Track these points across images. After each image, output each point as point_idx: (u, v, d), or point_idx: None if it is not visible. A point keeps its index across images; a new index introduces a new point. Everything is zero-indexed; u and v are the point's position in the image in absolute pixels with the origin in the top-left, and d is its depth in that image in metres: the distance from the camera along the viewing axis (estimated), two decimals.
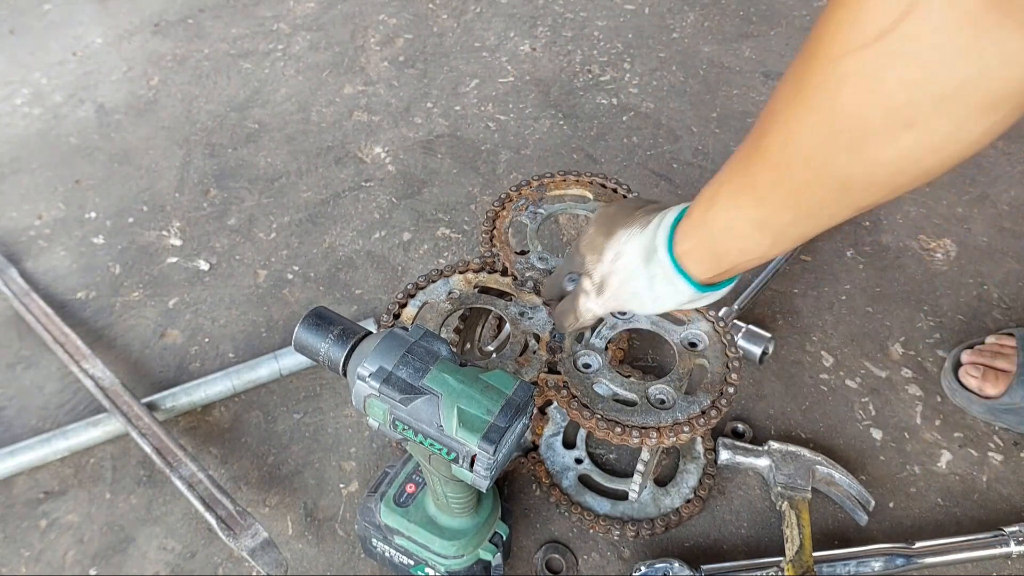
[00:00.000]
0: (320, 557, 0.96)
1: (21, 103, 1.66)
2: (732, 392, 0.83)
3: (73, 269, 1.32)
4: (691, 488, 1.00)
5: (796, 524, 0.94)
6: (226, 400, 1.12)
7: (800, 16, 1.85)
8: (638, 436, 0.79)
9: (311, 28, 1.86)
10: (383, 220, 1.40)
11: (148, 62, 1.77)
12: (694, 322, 0.90)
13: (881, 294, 1.26)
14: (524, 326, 0.89)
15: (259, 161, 1.52)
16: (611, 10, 1.89)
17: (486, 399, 0.66)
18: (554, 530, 0.98)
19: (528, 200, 1.03)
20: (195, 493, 0.94)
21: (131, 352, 1.19)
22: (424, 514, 0.83)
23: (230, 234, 1.38)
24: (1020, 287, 1.26)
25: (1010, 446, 1.07)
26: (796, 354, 1.17)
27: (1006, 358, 1.07)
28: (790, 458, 1.00)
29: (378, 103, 1.65)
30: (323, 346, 0.72)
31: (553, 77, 1.70)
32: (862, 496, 0.97)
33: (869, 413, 1.11)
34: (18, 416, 1.11)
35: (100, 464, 1.06)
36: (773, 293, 1.25)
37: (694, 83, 1.67)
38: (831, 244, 1.33)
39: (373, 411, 0.69)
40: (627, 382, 0.84)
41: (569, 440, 1.06)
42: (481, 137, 1.56)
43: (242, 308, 1.25)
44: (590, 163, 1.50)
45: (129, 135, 1.58)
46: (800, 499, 0.96)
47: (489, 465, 0.65)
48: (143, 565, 0.96)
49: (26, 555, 0.97)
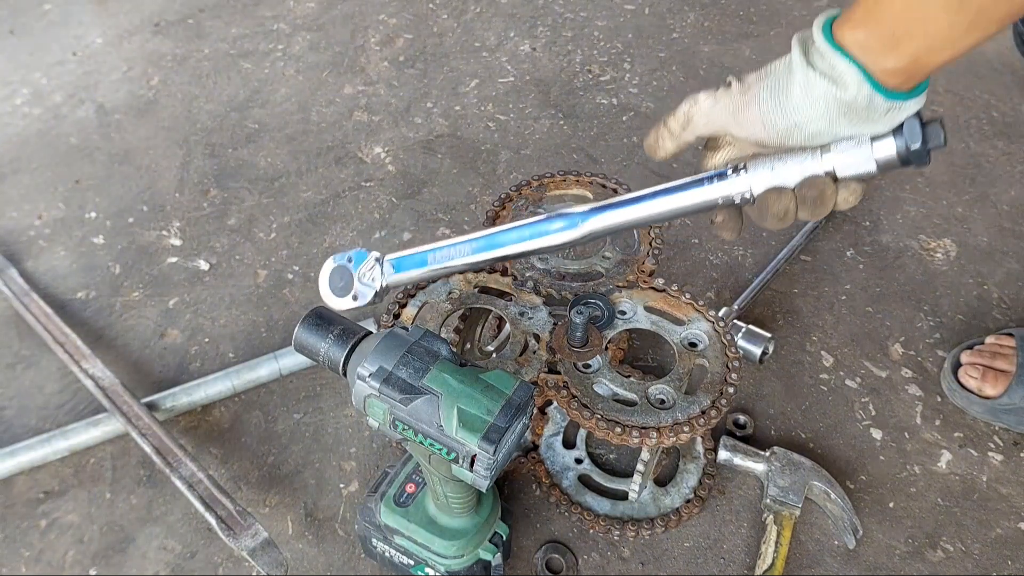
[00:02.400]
0: (320, 557, 0.96)
1: (21, 103, 1.66)
2: (732, 392, 0.83)
3: (73, 269, 1.32)
4: (691, 488, 1.00)
5: (774, 541, 0.93)
6: (226, 400, 1.12)
7: (800, 16, 1.85)
8: (638, 436, 0.79)
9: (311, 28, 1.86)
10: (383, 220, 1.40)
11: (148, 62, 1.77)
12: (694, 322, 0.90)
13: (881, 294, 1.26)
14: (524, 326, 0.89)
15: (259, 161, 1.52)
16: (611, 10, 1.88)
17: (486, 399, 0.66)
18: (554, 530, 0.98)
19: (528, 200, 1.03)
20: (195, 493, 0.94)
21: (131, 352, 1.19)
22: (424, 514, 0.83)
23: (230, 234, 1.38)
24: (1020, 287, 1.26)
25: (1010, 446, 1.07)
26: (796, 354, 1.17)
27: (1005, 358, 1.07)
28: (789, 468, 0.99)
29: (378, 103, 1.65)
30: (323, 346, 0.72)
31: (553, 77, 1.70)
32: (853, 522, 0.95)
33: (869, 413, 1.11)
34: (18, 416, 1.11)
35: (100, 464, 1.06)
36: (773, 293, 1.25)
37: (694, 83, 1.67)
38: (831, 244, 1.33)
39: (373, 411, 0.69)
40: (627, 382, 0.84)
41: (569, 440, 1.06)
42: (481, 137, 1.56)
43: (242, 308, 1.25)
44: (590, 163, 1.50)
45: (129, 135, 1.58)
46: (787, 515, 0.96)
47: (489, 465, 0.65)
48: (143, 565, 0.96)
49: (26, 555, 0.97)
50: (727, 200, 0.67)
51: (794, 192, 0.63)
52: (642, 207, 0.71)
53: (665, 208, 0.70)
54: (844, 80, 0.56)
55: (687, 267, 1.30)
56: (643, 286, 0.93)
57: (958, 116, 1.57)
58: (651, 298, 0.92)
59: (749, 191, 0.66)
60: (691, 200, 0.68)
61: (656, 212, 0.70)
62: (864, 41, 0.55)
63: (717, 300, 1.24)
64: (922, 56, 0.54)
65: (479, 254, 0.80)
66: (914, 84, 0.56)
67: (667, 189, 0.70)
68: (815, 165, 0.62)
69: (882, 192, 1.42)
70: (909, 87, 0.56)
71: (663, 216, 0.70)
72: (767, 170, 0.64)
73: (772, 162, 0.64)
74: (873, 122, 0.57)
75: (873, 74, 0.55)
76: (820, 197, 0.61)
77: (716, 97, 0.65)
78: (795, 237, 1.31)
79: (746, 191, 0.66)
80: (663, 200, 0.70)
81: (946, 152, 1.49)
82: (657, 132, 0.70)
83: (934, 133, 0.58)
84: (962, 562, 0.96)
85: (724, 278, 1.28)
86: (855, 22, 0.55)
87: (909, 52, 0.53)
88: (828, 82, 0.56)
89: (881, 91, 0.55)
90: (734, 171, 0.66)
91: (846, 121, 0.58)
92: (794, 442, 1.07)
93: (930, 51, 0.53)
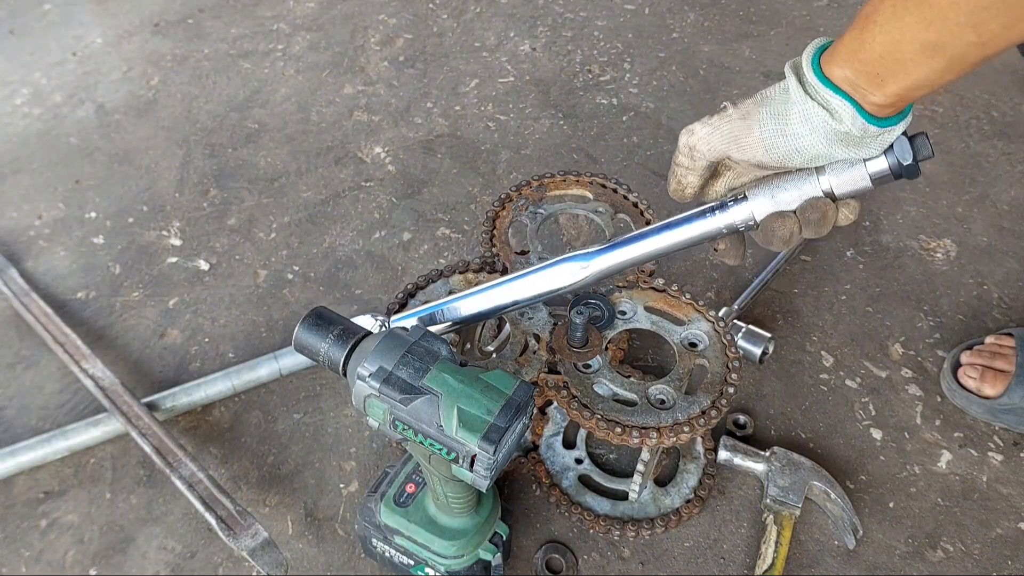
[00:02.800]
0: (320, 557, 0.96)
1: (21, 103, 1.66)
2: (732, 392, 0.83)
3: (73, 269, 1.32)
4: (691, 488, 1.00)
5: (774, 542, 0.93)
6: (226, 400, 1.12)
7: (800, 16, 1.85)
8: (638, 436, 0.79)
9: (311, 28, 1.86)
10: (383, 220, 1.40)
11: (148, 62, 1.77)
12: (694, 322, 0.90)
13: (881, 294, 1.26)
14: (524, 326, 0.89)
15: (259, 161, 1.52)
16: (611, 10, 1.88)
17: (486, 399, 0.66)
18: (554, 530, 0.98)
19: (528, 200, 1.03)
20: (195, 493, 0.94)
21: (131, 352, 1.19)
22: (424, 514, 0.83)
23: (230, 234, 1.38)
24: (1020, 287, 1.26)
25: (1010, 446, 1.07)
26: (796, 354, 1.17)
27: (1005, 358, 1.07)
28: (790, 468, 0.99)
29: (378, 103, 1.65)
30: (323, 346, 0.72)
31: (553, 77, 1.70)
32: (853, 522, 0.95)
33: (869, 413, 1.11)
34: (18, 416, 1.11)
35: (100, 464, 1.06)
36: (773, 293, 1.26)
37: (694, 83, 1.67)
38: (831, 244, 1.33)
39: (373, 411, 0.69)
40: (627, 382, 0.84)
41: (569, 440, 1.06)
42: (481, 137, 1.56)
43: (242, 308, 1.25)
44: (590, 163, 1.50)
45: (129, 135, 1.58)
46: (787, 515, 0.96)
47: (489, 465, 0.65)
48: (143, 565, 0.96)
49: (26, 555, 0.97)
50: (731, 228, 0.70)
51: (796, 214, 0.66)
52: (648, 243, 0.74)
53: (670, 242, 0.73)
54: (839, 113, 0.59)
55: (687, 267, 1.30)
56: (643, 286, 0.93)
57: (958, 116, 1.57)
58: (651, 298, 0.92)
59: (752, 218, 0.68)
60: (695, 232, 0.71)
61: (662, 247, 0.73)
62: (852, 79, 0.57)
63: (717, 300, 1.25)
64: (906, 93, 0.57)
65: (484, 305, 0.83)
66: (902, 108, 0.60)
67: (671, 223, 0.72)
68: (813, 188, 0.65)
69: (882, 192, 1.42)
70: (897, 112, 0.59)
71: (669, 250, 0.73)
72: (767, 198, 0.67)
73: (771, 189, 0.67)
74: (867, 146, 0.61)
75: (863, 107, 0.58)
76: (823, 218, 0.65)
77: (713, 124, 0.67)
78: None
79: (749, 219, 0.68)
80: (668, 235, 0.72)
81: (946, 152, 1.49)
82: (674, 176, 0.72)
83: (922, 146, 0.62)
84: (962, 562, 0.96)
85: (724, 278, 1.28)
86: (841, 61, 0.58)
87: (893, 91, 0.56)
88: (825, 113, 0.59)
89: (872, 121, 0.58)
90: (734, 201, 0.69)
91: (842, 146, 0.61)
92: (794, 442, 1.07)
93: (914, 89, 0.56)
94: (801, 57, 0.61)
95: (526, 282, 0.81)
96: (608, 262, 0.76)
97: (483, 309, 0.83)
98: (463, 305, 0.84)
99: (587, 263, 0.77)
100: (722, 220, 0.70)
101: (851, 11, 1.86)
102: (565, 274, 0.78)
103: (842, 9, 1.87)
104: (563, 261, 0.79)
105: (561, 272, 0.78)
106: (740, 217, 0.69)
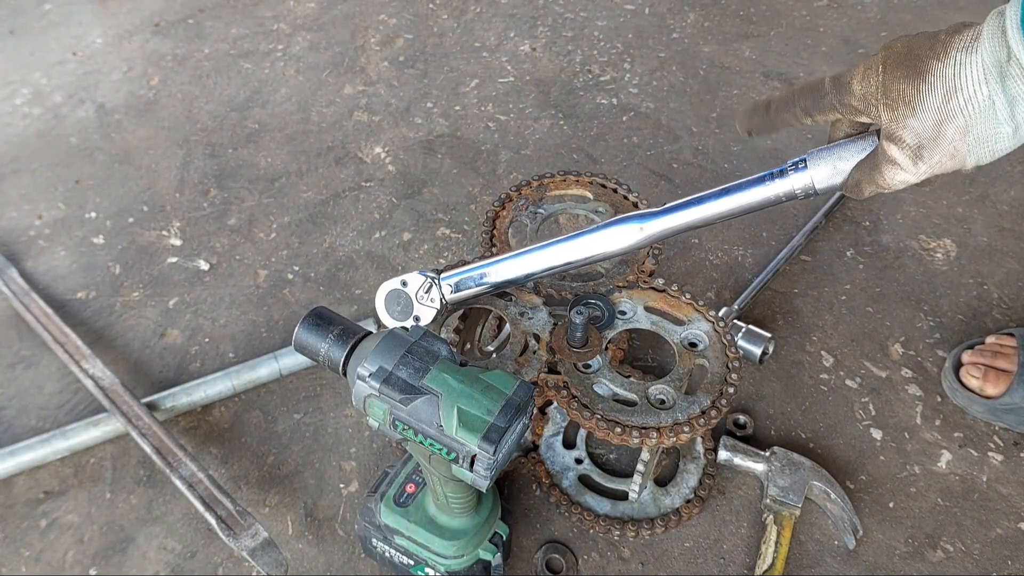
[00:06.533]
0: (320, 557, 0.96)
1: (21, 103, 1.66)
2: (732, 392, 0.83)
3: (73, 269, 1.32)
4: (691, 488, 1.00)
5: (774, 542, 0.93)
6: (226, 400, 1.12)
7: (800, 16, 1.85)
8: (638, 436, 0.79)
9: (311, 28, 1.86)
10: (383, 220, 1.40)
11: (148, 62, 1.77)
12: (694, 322, 0.90)
13: (881, 294, 1.26)
14: (524, 326, 0.89)
15: (259, 161, 1.52)
16: (611, 10, 1.88)
17: (486, 399, 0.66)
18: (554, 530, 0.98)
19: (528, 200, 1.03)
20: (195, 493, 0.94)
21: (131, 352, 1.19)
22: (424, 514, 0.83)
23: (230, 234, 1.38)
24: (1020, 287, 1.26)
25: (1010, 446, 1.07)
26: (796, 354, 1.17)
27: (1007, 358, 1.07)
28: (790, 468, 0.99)
29: (378, 103, 1.65)
30: (323, 346, 0.72)
31: (553, 77, 1.70)
32: (853, 522, 0.95)
33: (869, 413, 1.11)
34: (18, 416, 1.11)
35: (100, 464, 1.06)
36: (773, 293, 1.25)
37: (694, 83, 1.67)
38: (831, 244, 1.33)
39: (373, 411, 0.69)
40: (627, 382, 0.84)
41: (569, 440, 1.06)
42: (481, 137, 1.56)
43: (242, 308, 1.25)
44: (590, 163, 1.50)
45: (129, 135, 1.58)
46: (787, 515, 0.96)
47: (489, 465, 0.65)
48: (143, 565, 0.96)
49: (26, 555, 0.97)
50: (789, 196, 0.68)
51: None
52: (706, 207, 0.72)
53: (728, 208, 0.71)
54: None
55: (687, 267, 1.30)
56: (643, 286, 0.93)
57: None
58: (651, 298, 0.92)
59: (812, 187, 0.67)
60: (754, 198, 0.70)
61: (719, 211, 0.72)
62: None
63: (717, 300, 1.25)
64: None
65: (537, 266, 0.81)
66: None
67: (729, 188, 0.71)
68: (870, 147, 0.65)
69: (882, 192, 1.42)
70: None
71: (726, 215, 0.72)
72: (829, 168, 0.66)
73: (834, 160, 0.66)
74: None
75: None
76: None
77: (920, 174, 0.62)
78: (795, 237, 1.31)
79: (809, 187, 0.67)
80: (726, 200, 0.71)
81: None
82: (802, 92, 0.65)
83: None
84: (962, 562, 0.96)
85: (724, 278, 1.28)
86: None
87: None
88: None
89: None
90: (794, 168, 0.68)
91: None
92: (794, 442, 1.07)
93: None
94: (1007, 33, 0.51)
95: (581, 242, 0.78)
96: (665, 224, 0.74)
97: (534, 270, 0.81)
98: (513, 265, 0.81)
99: (644, 225, 0.75)
100: (781, 187, 0.68)
101: (851, 11, 1.86)
102: (621, 236, 0.76)
103: (842, 9, 1.87)
104: (619, 222, 0.76)
105: (617, 233, 0.76)
106: (800, 184, 0.67)
